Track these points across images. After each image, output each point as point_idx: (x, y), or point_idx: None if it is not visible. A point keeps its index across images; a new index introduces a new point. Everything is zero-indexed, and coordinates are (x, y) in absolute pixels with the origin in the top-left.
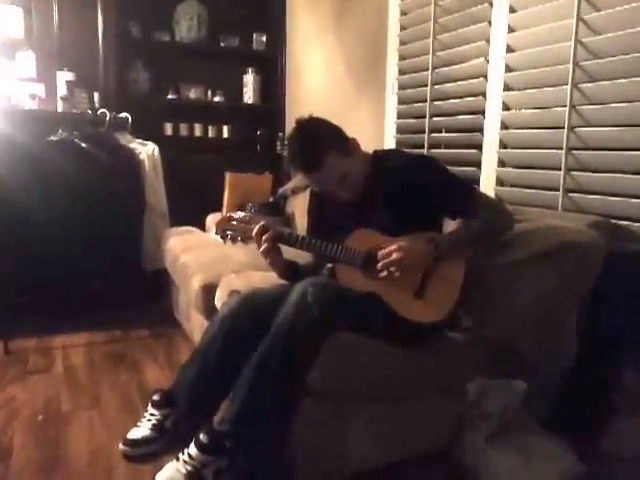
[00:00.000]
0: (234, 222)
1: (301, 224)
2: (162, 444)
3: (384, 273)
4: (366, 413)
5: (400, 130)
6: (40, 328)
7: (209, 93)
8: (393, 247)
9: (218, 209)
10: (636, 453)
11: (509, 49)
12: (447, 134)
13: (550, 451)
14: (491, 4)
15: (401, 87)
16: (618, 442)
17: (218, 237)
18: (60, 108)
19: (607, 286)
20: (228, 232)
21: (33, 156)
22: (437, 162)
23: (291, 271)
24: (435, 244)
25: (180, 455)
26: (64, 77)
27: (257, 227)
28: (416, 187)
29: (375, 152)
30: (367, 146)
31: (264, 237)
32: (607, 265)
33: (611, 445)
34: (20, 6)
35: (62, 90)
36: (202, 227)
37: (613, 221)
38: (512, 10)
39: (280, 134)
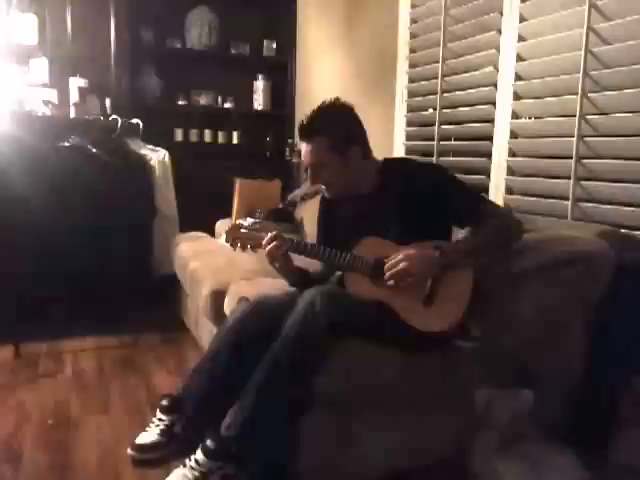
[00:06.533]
0: (244, 230)
1: (310, 230)
2: (170, 449)
3: (391, 281)
4: (372, 421)
5: (409, 137)
6: (50, 332)
7: (219, 99)
8: (400, 255)
9: (228, 215)
10: None
11: (519, 58)
12: (456, 142)
13: (559, 462)
14: (501, 13)
15: (411, 95)
16: (627, 452)
17: (228, 245)
18: (72, 114)
19: (616, 295)
20: (238, 240)
21: (45, 161)
22: (445, 170)
23: (300, 279)
24: (442, 252)
25: (187, 461)
26: (76, 83)
27: (267, 237)
28: (424, 195)
29: (385, 160)
30: (376, 152)
31: (272, 245)
32: (617, 275)
33: (620, 455)
34: (34, 14)
35: (74, 96)
36: (211, 233)
37: (623, 231)
38: (522, 19)
39: (289, 140)
